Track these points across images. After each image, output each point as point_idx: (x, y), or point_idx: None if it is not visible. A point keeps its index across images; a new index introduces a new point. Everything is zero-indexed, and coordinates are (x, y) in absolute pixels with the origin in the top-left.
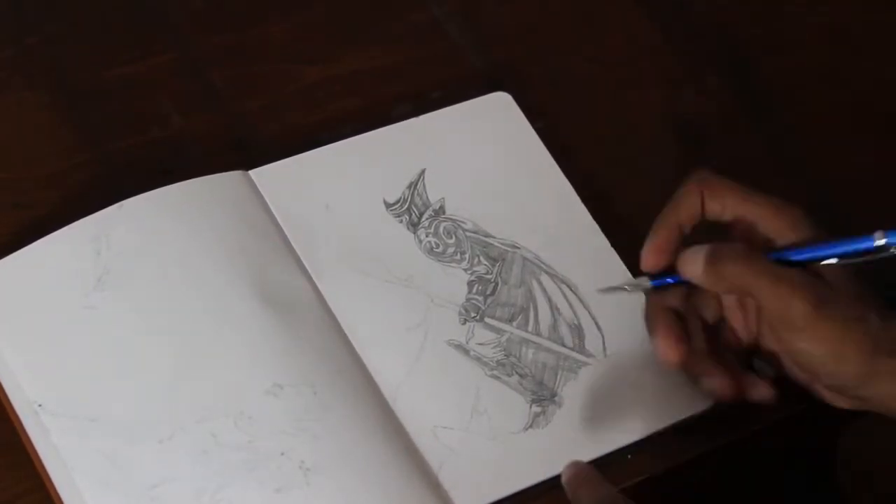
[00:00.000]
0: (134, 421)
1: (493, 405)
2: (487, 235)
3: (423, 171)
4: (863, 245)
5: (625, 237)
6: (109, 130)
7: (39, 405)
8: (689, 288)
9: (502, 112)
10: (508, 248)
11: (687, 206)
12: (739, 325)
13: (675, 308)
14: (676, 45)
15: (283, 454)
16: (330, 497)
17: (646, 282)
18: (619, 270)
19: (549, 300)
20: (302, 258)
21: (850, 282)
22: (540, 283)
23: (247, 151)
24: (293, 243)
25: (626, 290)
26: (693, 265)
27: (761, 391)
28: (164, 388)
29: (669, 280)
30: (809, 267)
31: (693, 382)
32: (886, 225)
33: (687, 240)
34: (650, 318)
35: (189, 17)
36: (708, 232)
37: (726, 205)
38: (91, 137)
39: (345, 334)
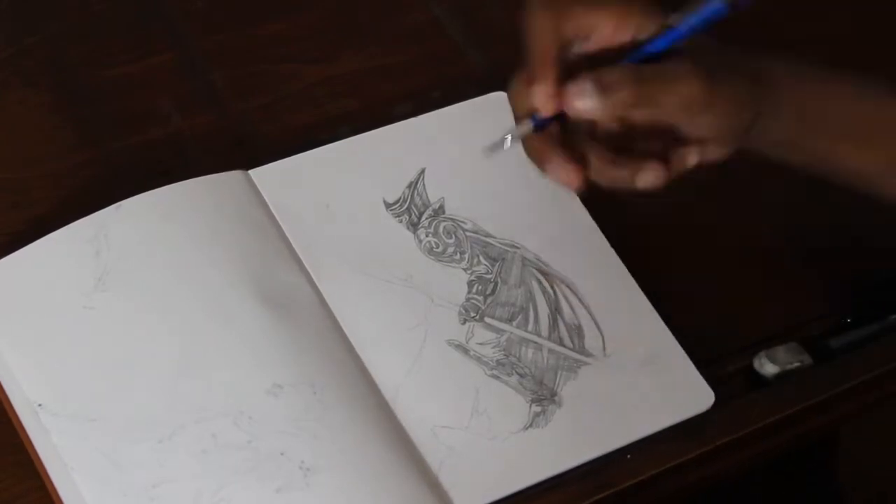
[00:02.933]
0: (134, 421)
1: (492, 405)
2: (487, 235)
3: (422, 171)
4: (712, 9)
5: (625, 237)
6: (109, 130)
7: (39, 405)
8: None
9: (502, 112)
10: (508, 248)
11: (553, 34)
12: None
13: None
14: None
15: (283, 454)
16: (330, 497)
17: (528, 126)
18: (618, 269)
19: (549, 300)
20: (302, 258)
21: (703, 43)
22: (539, 283)
23: (247, 151)
24: (293, 243)
25: (508, 140)
26: (584, 101)
27: (647, 176)
28: (164, 387)
29: (547, 119)
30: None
31: (541, 173)
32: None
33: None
34: (540, 153)
35: (189, 17)
36: None
37: (579, 24)
38: (91, 137)
39: (345, 334)
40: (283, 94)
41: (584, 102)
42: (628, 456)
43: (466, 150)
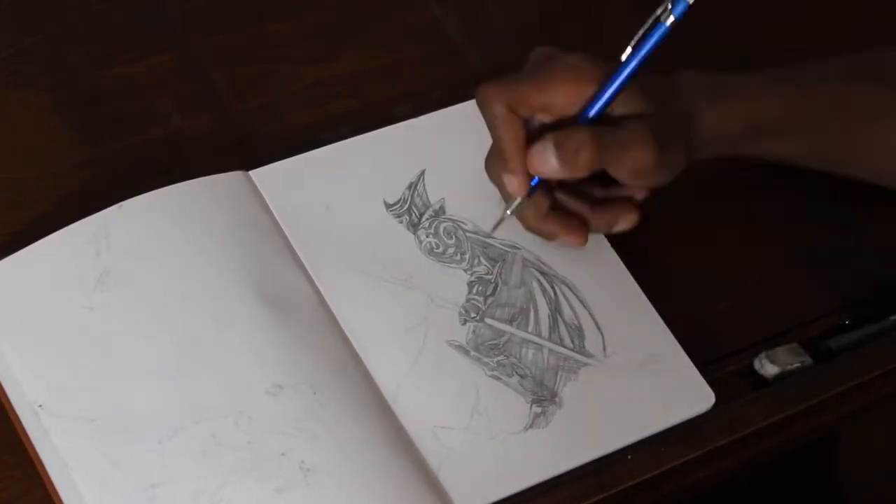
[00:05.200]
0: (134, 421)
1: (493, 405)
2: (487, 236)
3: (423, 172)
4: (659, 34)
5: (625, 237)
6: (109, 130)
7: (39, 405)
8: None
9: None
10: (508, 249)
11: (513, 127)
12: None
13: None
14: (676, 45)
15: (283, 454)
16: (330, 497)
17: (519, 201)
18: (619, 269)
19: (549, 301)
20: (302, 258)
21: (648, 86)
22: (540, 284)
23: (247, 151)
24: (293, 243)
25: (508, 216)
26: (546, 163)
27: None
28: (164, 388)
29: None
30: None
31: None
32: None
33: None
34: (540, 227)
35: (189, 17)
36: None
37: (532, 105)
38: (91, 137)
39: (345, 334)
40: (283, 94)
41: (546, 165)
42: (629, 457)
43: (467, 150)
